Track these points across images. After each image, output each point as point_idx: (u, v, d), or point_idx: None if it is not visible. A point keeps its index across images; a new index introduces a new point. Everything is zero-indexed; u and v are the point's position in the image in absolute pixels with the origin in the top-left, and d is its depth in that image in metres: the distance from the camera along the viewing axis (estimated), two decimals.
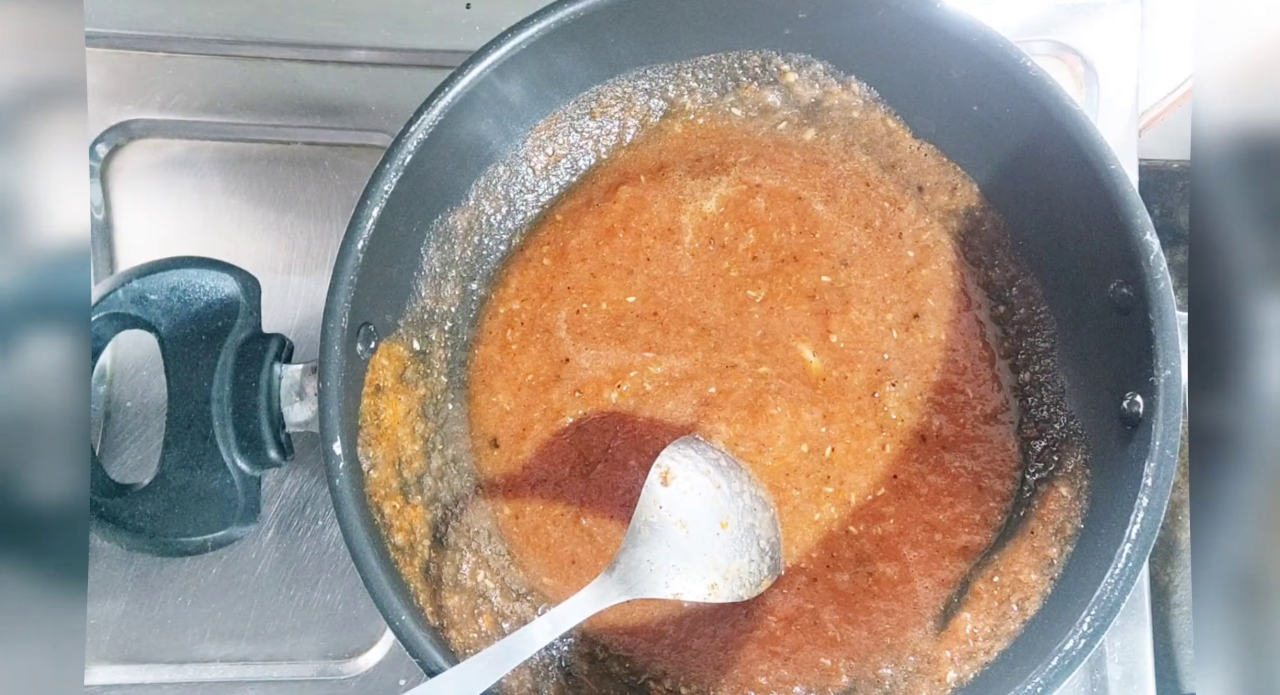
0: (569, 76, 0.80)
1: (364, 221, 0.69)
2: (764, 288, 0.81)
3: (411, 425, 0.76)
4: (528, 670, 0.73)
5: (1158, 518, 0.64)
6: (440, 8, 0.94)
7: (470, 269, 0.83)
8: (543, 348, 0.81)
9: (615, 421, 0.79)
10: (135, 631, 0.86)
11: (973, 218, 0.82)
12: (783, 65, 0.82)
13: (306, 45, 0.94)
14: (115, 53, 0.93)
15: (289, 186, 0.93)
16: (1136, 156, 0.93)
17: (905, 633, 0.75)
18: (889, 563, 0.77)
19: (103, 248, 0.91)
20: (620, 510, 0.78)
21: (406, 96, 0.92)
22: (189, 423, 0.69)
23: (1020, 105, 0.72)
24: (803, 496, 0.78)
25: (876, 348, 0.80)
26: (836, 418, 0.79)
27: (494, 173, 0.82)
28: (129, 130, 0.92)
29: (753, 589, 0.72)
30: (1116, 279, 0.70)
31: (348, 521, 0.66)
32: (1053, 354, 0.79)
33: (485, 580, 0.76)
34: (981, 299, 0.81)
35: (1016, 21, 0.95)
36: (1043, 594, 0.72)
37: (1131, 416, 0.68)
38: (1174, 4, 0.96)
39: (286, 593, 0.87)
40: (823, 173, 0.83)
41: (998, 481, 0.78)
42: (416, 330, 0.78)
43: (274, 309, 0.75)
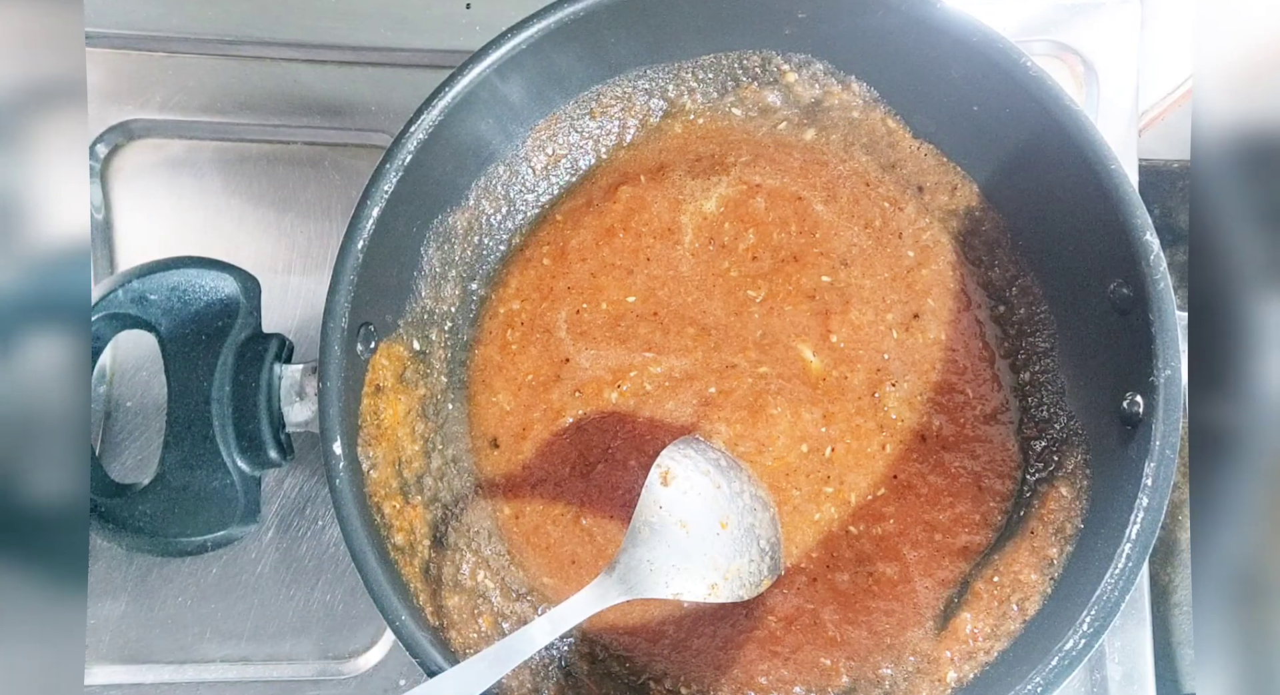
0: (569, 76, 0.80)
1: (364, 221, 0.69)
2: (764, 288, 0.81)
3: (411, 425, 0.76)
4: (528, 670, 0.73)
5: (1158, 518, 0.64)
6: (440, 8, 0.94)
7: (470, 269, 0.83)
8: (543, 348, 0.81)
9: (615, 421, 0.79)
10: (135, 631, 0.86)
11: (973, 218, 0.82)
12: (783, 65, 0.82)
13: (306, 45, 0.94)
14: (115, 53, 0.93)
15: (289, 186, 0.93)
16: (1136, 156, 0.93)
17: (905, 633, 0.75)
18: (889, 563, 0.77)
19: (103, 248, 0.91)
20: (620, 510, 0.78)
21: (406, 96, 0.92)
22: (189, 423, 0.69)
23: (1020, 105, 0.72)
24: (803, 496, 0.78)
25: (876, 348, 0.80)
26: (836, 418, 0.79)
27: (494, 173, 0.82)
28: (129, 130, 0.92)
29: (753, 589, 0.72)
30: (1116, 279, 0.69)
31: (348, 521, 0.66)
32: (1053, 354, 0.79)
33: (485, 580, 0.76)
34: (981, 299, 0.81)
35: (1016, 21, 0.95)
36: (1043, 594, 0.72)
37: (1131, 416, 0.68)
38: (1174, 4, 0.96)
39: (286, 593, 0.87)
40: (823, 173, 0.83)
41: (998, 481, 0.78)
42: (416, 330, 0.78)
43: (274, 309, 0.75)
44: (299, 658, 0.86)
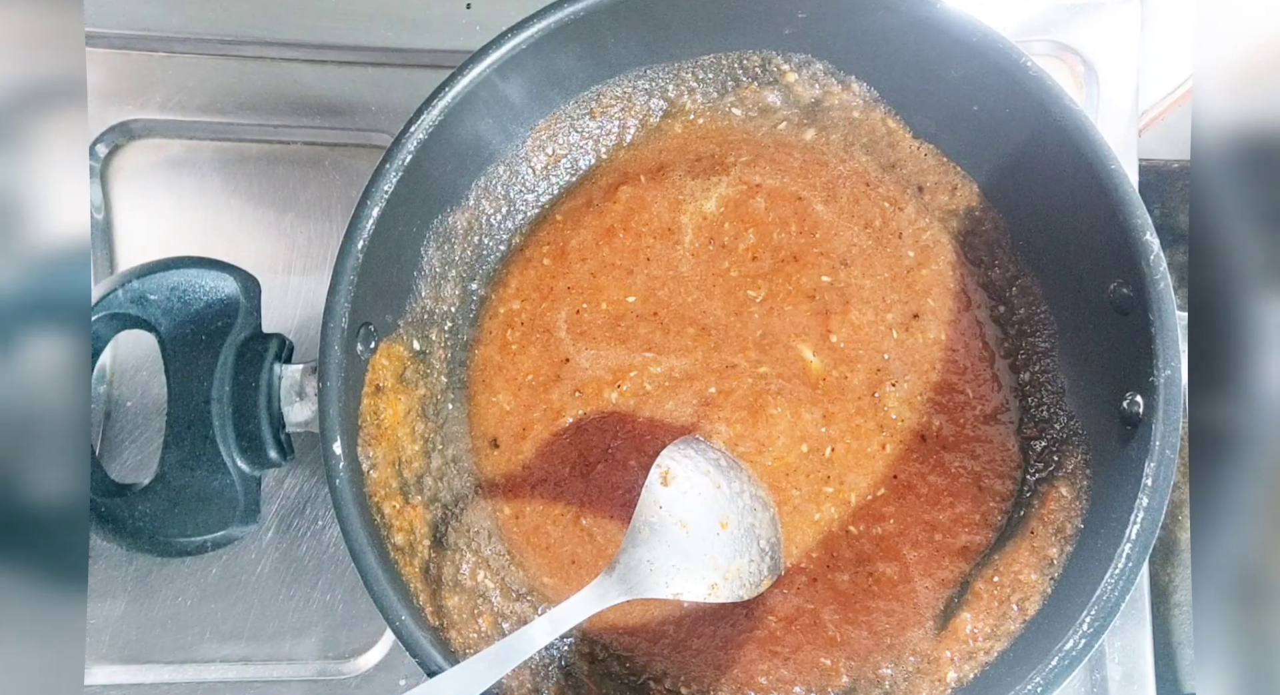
0: (569, 76, 0.80)
1: (364, 221, 0.69)
2: (764, 288, 0.81)
3: (411, 425, 0.76)
4: (528, 670, 0.73)
5: (1158, 518, 0.64)
6: (440, 8, 0.94)
7: (470, 269, 0.83)
8: (543, 348, 0.81)
9: (615, 421, 0.79)
10: (135, 631, 0.86)
11: (973, 218, 0.82)
12: (783, 65, 0.82)
13: (306, 45, 0.94)
14: (115, 53, 0.93)
15: (289, 186, 0.93)
16: (1136, 156, 0.93)
17: (905, 633, 0.75)
18: (889, 563, 0.77)
19: (103, 248, 0.91)
20: (620, 510, 0.78)
21: (406, 96, 0.92)
22: (189, 423, 0.69)
23: (1020, 105, 0.72)
24: (803, 496, 0.78)
25: (876, 348, 0.80)
26: (836, 418, 0.79)
27: (494, 173, 0.82)
28: (129, 130, 0.92)
29: (753, 589, 0.72)
30: (1116, 279, 0.69)
31: (348, 521, 0.66)
32: (1053, 354, 0.79)
33: (485, 580, 0.76)
34: (981, 299, 0.81)
35: (1016, 21, 0.95)
36: (1043, 594, 0.72)
37: (1131, 416, 0.68)
38: (1174, 4, 0.96)
39: (286, 593, 0.87)
40: (823, 173, 0.83)
41: (998, 481, 0.78)
42: (416, 330, 0.78)
43: (274, 309, 0.75)
44: (299, 658, 0.86)
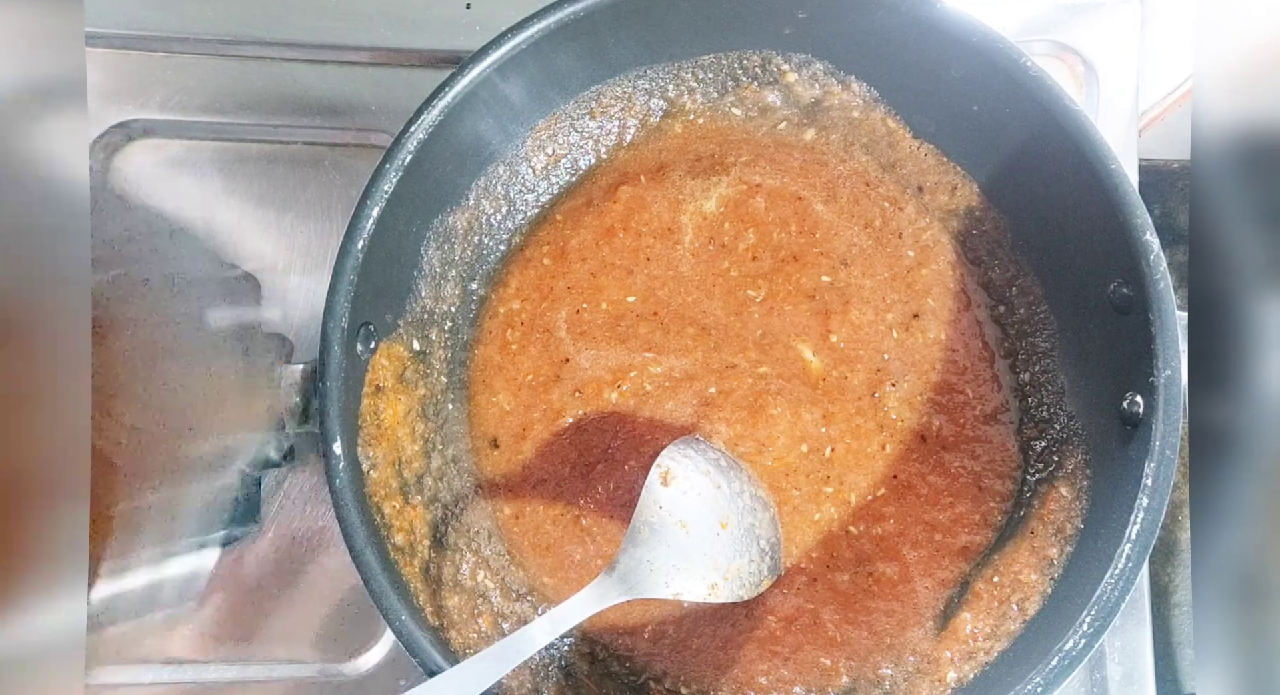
0: (569, 76, 0.80)
1: (364, 221, 0.69)
2: (764, 288, 0.81)
3: (411, 425, 0.76)
4: (528, 670, 0.73)
5: (1158, 518, 0.64)
6: (440, 8, 0.94)
7: (470, 269, 0.83)
8: (543, 348, 0.81)
9: (615, 421, 0.79)
10: (135, 631, 0.86)
11: (973, 218, 0.82)
12: (783, 65, 0.82)
13: (306, 45, 0.94)
14: (115, 53, 0.93)
15: (289, 186, 0.93)
16: (1136, 156, 0.93)
17: (905, 633, 0.75)
18: (889, 563, 0.77)
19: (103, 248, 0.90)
20: (620, 510, 0.78)
21: (406, 96, 0.92)
22: None
23: (1020, 105, 0.72)
24: (803, 496, 0.78)
25: (876, 348, 0.80)
26: (836, 418, 0.79)
27: (494, 173, 0.82)
28: (129, 130, 0.92)
29: (753, 589, 0.72)
30: (1116, 279, 0.69)
31: (348, 521, 0.66)
32: (1053, 354, 0.79)
33: (485, 580, 0.76)
34: (981, 299, 0.81)
35: (1016, 21, 0.95)
36: (1043, 594, 0.72)
37: (1131, 416, 0.68)
38: (1174, 4, 0.96)
39: (286, 593, 0.87)
40: (823, 173, 0.83)
41: (998, 481, 0.78)
42: (416, 330, 0.78)
43: (274, 309, 0.75)
44: (299, 658, 0.86)
